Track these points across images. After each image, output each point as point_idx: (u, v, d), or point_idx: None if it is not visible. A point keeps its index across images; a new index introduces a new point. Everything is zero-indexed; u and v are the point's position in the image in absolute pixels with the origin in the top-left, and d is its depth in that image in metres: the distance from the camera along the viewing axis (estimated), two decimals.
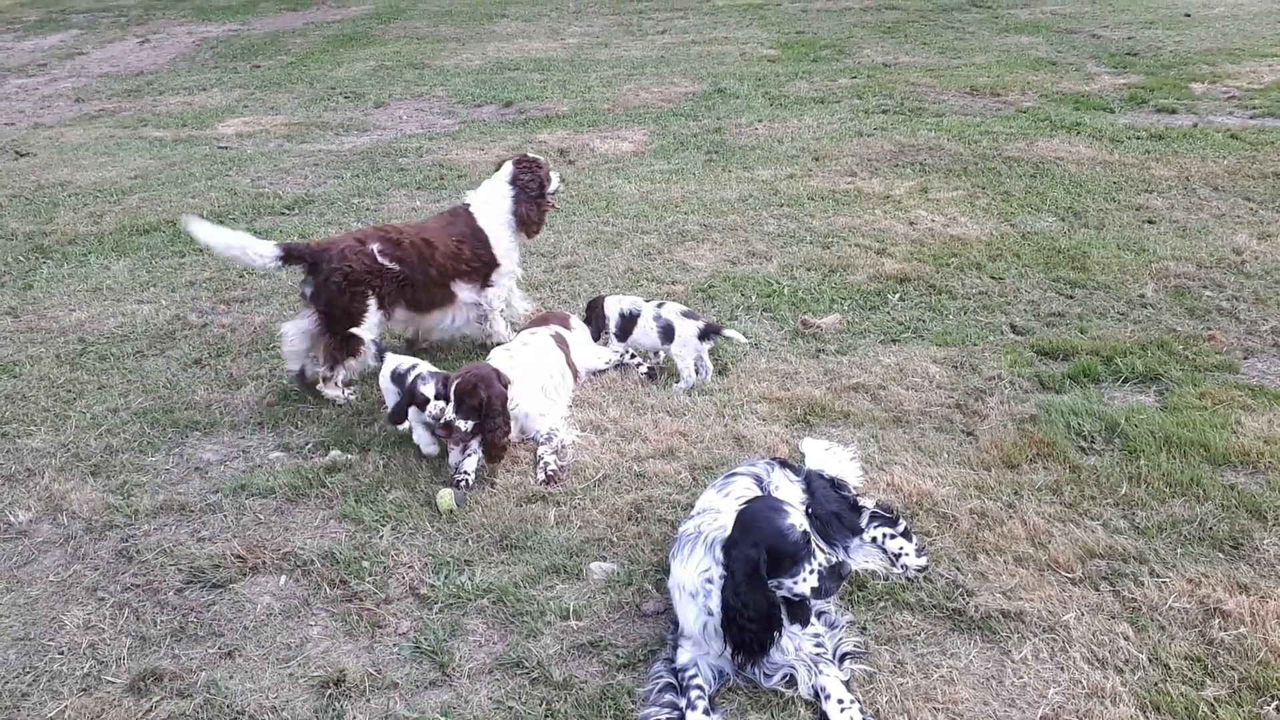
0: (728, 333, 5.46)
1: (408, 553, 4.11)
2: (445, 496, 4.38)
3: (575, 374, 5.41)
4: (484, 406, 4.52)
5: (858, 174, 9.20)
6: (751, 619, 3.19)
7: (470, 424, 4.51)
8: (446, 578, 3.94)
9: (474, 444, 4.63)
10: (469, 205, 5.96)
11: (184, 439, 5.11)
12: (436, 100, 13.80)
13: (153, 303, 6.94)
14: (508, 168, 5.99)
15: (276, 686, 3.43)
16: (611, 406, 5.26)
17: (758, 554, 3.18)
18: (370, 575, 3.97)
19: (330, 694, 3.37)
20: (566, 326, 5.65)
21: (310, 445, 4.98)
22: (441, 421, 4.55)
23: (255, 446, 5.03)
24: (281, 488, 4.58)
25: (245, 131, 12.37)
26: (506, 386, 4.67)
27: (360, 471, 4.69)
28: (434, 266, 5.62)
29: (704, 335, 5.38)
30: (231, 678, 3.47)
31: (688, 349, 5.40)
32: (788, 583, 3.18)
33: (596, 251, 7.55)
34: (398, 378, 4.85)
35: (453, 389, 4.52)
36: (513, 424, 4.73)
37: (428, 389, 4.56)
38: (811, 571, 3.17)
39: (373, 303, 5.40)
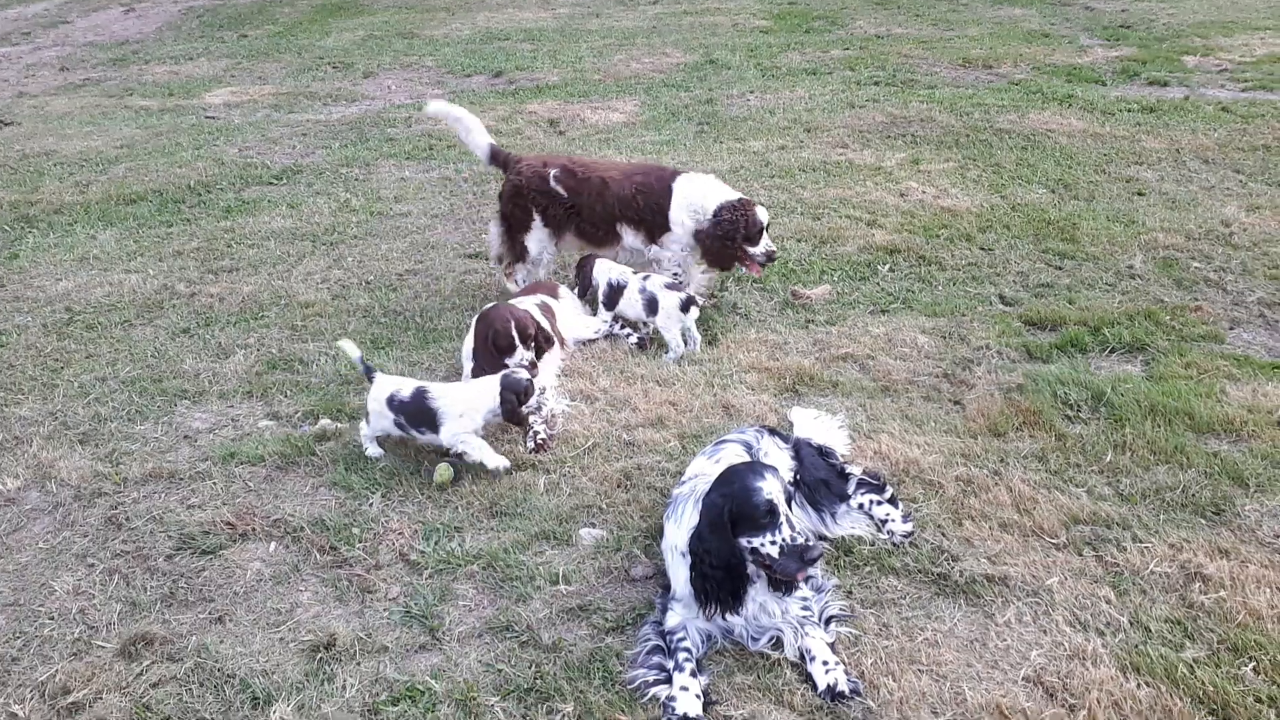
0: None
1: (397, 519, 4.12)
2: (443, 470, 4.38)
3: (563, 343, 5.41)
4: (540, 332, 4.93)
5: (849, 145, 9.18)
6: (714, 565, 3.23)
7: (533, 354, 4.84)
8: (436, 544, 3.95)
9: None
10: (681, 172, 5.90)
11: (172, 407, 5.11)
12: (425, 70, 13.69)
13: (140, 272, 6.91)
14: (722, 201, 5.67)
15: (267, 650, 3.45)
16: (602, 376, 5.26)
17: (724, 504, 3.23)
18: (360, 542, 3.99)
19: (321, 657, 3.39)
20: (554, 296, 5.64)
21: (299, 414, 4.98)
22: (530, 362, 4.78)
23: (244, 415, 5.03)
24: (271, 456, 4.59)
25: (233, 101, 12.27)
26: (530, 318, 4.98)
27: (350, 440, 4.69)
28: (601, 204, 5.78)
29: (685, 307, 5.38)
30: (222, 642, 3.49)
31: (672, 320, 5.41)
32: (747, 542, 3.23)
33: None
34: (396, 403, 4.46)
35: (514, 330, 4.76)
36: None
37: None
38: (773, 543, 3.20)
39: (538, 219, 5.90)
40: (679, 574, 3.39)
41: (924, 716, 3.02)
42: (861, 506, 3.95)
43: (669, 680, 3.17)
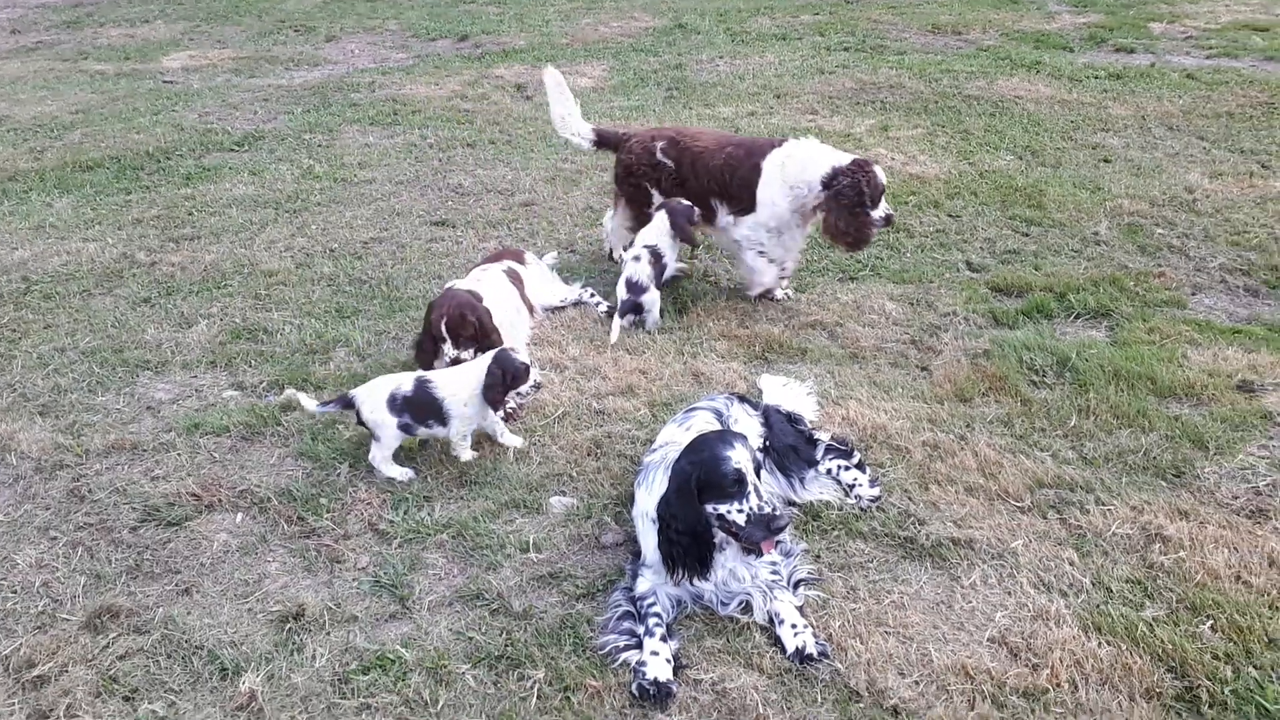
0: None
1: (366, 489, 4.09)
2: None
3: (531, 310, 5.37)
4: (479, 330, 4.55)
5: (819, 111, 9.15)
6: (680, 531, 3.25)
7: (472, 352, 4.51)
8: (405, 513, 3.94)
9: None
10: (782, 142, 5.40)
11: (134, 378, 5.03)
12: (390, 34, 13.46)
13: (98, 240, 6.76)
14: (834, 166, 5.15)
15: (235, 621, 3.43)
16: (571, 344, 5.24)
17: (693, 471, 3.24)
18: (328, 512, 3.96)
19: (289, 628, 3.38)
20: (520, 262, 5.59)
21: (264, 384, 4.92)
22: (451, 360, 4.48)
23: (208, 385, 4.96)
24: (236, 426, 4.53)
25: (191, 65, 12.00)
26: (481, 302, 4.69)
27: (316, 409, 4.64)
28: (696, 176, 5.59)
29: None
30: (189, 613, 3.46)
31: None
32: (714, 508, 3.24)
33: (555, 189, 7.47)
34: (399, 402, 4.16)
35: (444, 326, 4.47)
36: None
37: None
38: (740, 511, 3.21)
39: (656, 194, 5.74)
40: (649, 540, 3.40)
41: (891, 678, 3.07)
42: (830, 472, 3.98)
43: (640, 645, 3.19)
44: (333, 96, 10.31)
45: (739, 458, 3.22)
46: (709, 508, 3.24)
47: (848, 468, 3.98)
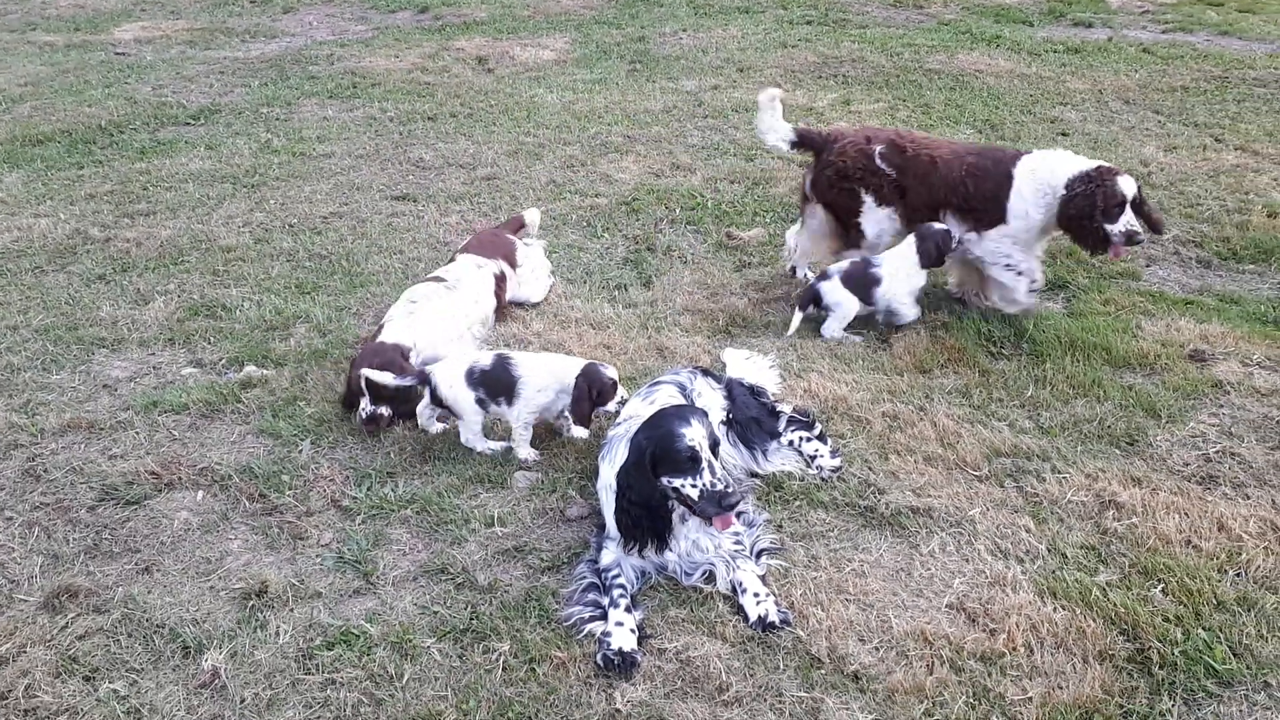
0: None
1: (328, 466, 4.07)
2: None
3: (501, 308, 5.16)
4: (396, 396, 4.25)
5: (782, 85, 9.12)
6: (634, 501, 3.28)
7: (389, 411, 4.29)
8: (369, 489, 3.92)
9: None
10: (1025, 153, 5.02)
11: (90, 356, 4.94)
12: (348, 6, 13.24)
13: (50, 216, 6.62)
14: (1073, 174, 4.77)
15: (197, 599, 3.40)
16: (535, 320, 5.23)
17: (648, 445, 3.27)
18: (290, 489, 3.94)
19: (252, 605, 3.36)
20: (512, 264, 5.29)
21: (224, 361, 4.87)
22: (366, 415, 4.24)
23: (166, 363, 4.89)
24: (195, 404, 4.48)
25: (144, 37, 11.73)
26: (405, 357, 4.41)
27: (276, 386, 4.60)
28: (926, 187, 5.08)
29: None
30: (150, 592, 3.43)
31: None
32: (669, 481, 3.26)
33: (518, 163, 7.42)
34: (476, 375, 4.07)
35: (364, 383, 4.19)
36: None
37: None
38: (694, 486, 3.23)
39: (869, 199, 5.22)
40: (612, 513, 3.42)
41: (851, 644, 3.12)
42: (792, 443, 4.03)
43: (604, 616, 3.21)
44: (290, 69, 10.14)
45: (694, 434, 3.24)
46: (665, 481, 3.27)
47: (809, 439, 4.02)
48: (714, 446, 3.32)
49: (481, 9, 12.61)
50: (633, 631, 3.15)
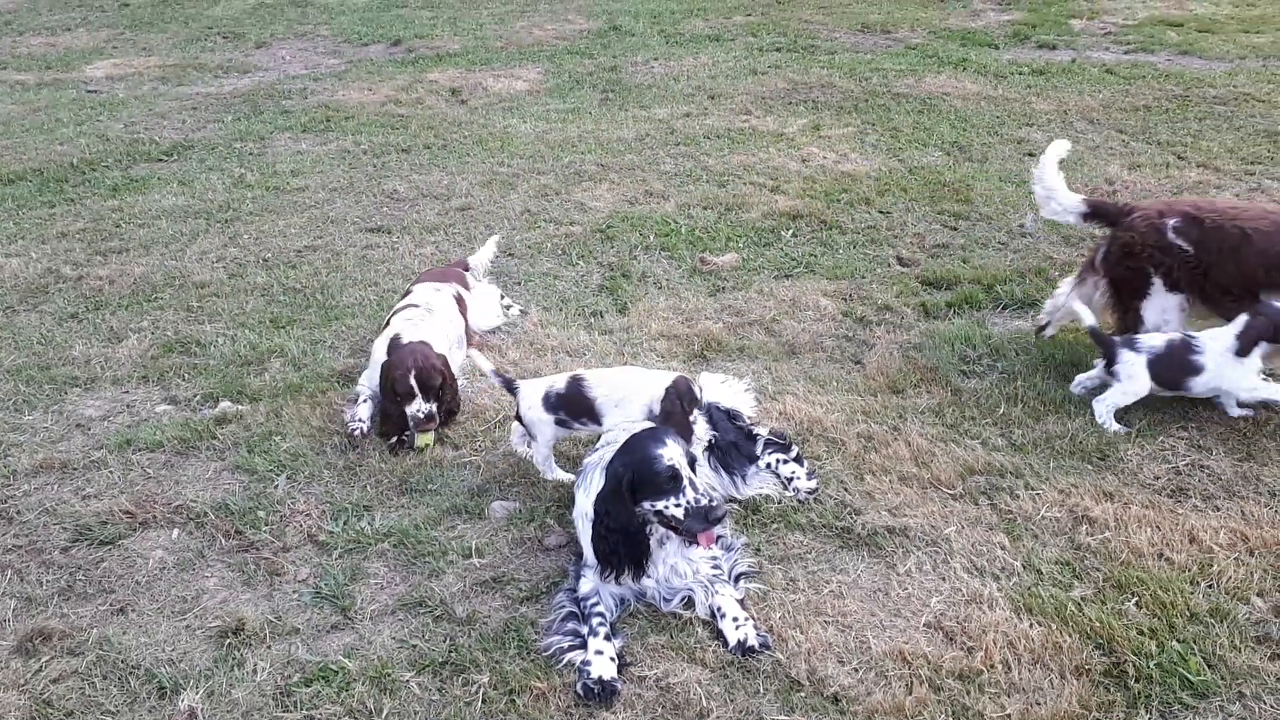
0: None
1: (304, 501, 4.06)
2: (429, 434, 4.36)
3: (469, 337, 5.22)
4: (445, 380, 4.42)
5: (752, 112, 9.26)
6: (611, 529, 3.29)
7: (435, 405, 4.36)
8: (345, 524, 3.91)
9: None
10: None
11: (63, 395, 4.91)
12: (321, 39, 13.29)
13: (22, 255, 6.58)
14: None
15: (173, 639, 3.37)
16: (511, 349, 5.24)
17: (625, 472, 3.28)
18: (266, 524, 3.92)
19: (229, 643, 3.34)
20: (465, 285, 5.41)
21: (198, 397, 4.84)
22: (425, 415, 4.31)
23: (140, 400, 4.87)
24: (170, 441, 4.46)
25: (115, 74, 11.72)
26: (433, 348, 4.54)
27: (251, 422, 4.59)
28: (1237, 264, 4.40)
29: None
30: (125, 633, 3.40)
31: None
32: (651, 505, 3.27)
33: (492, 193, 7.46)
34: (552, 400, 4.05)
35: (415, 381, 4.28)
36: None
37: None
38: (678, 505, 3.25)
39: (1157, 281, 4.57)
40: (589, 541, 3.43)
41: (830, 666, 3.13)
42: (769, 466, 4.05)
43: (584, 645, 3.21)
44: (264, 104, 10.15)
45: (671, 454, 3.26)
46: (647, 505, 3.28)
47: (786, 461, 4.05)
48: (691, 464, 3.34)
49: (454, 40, 12.69)
50: (612, 660, 3.15)
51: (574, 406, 4.02)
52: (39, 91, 11.02)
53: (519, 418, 4.15)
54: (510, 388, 4.15)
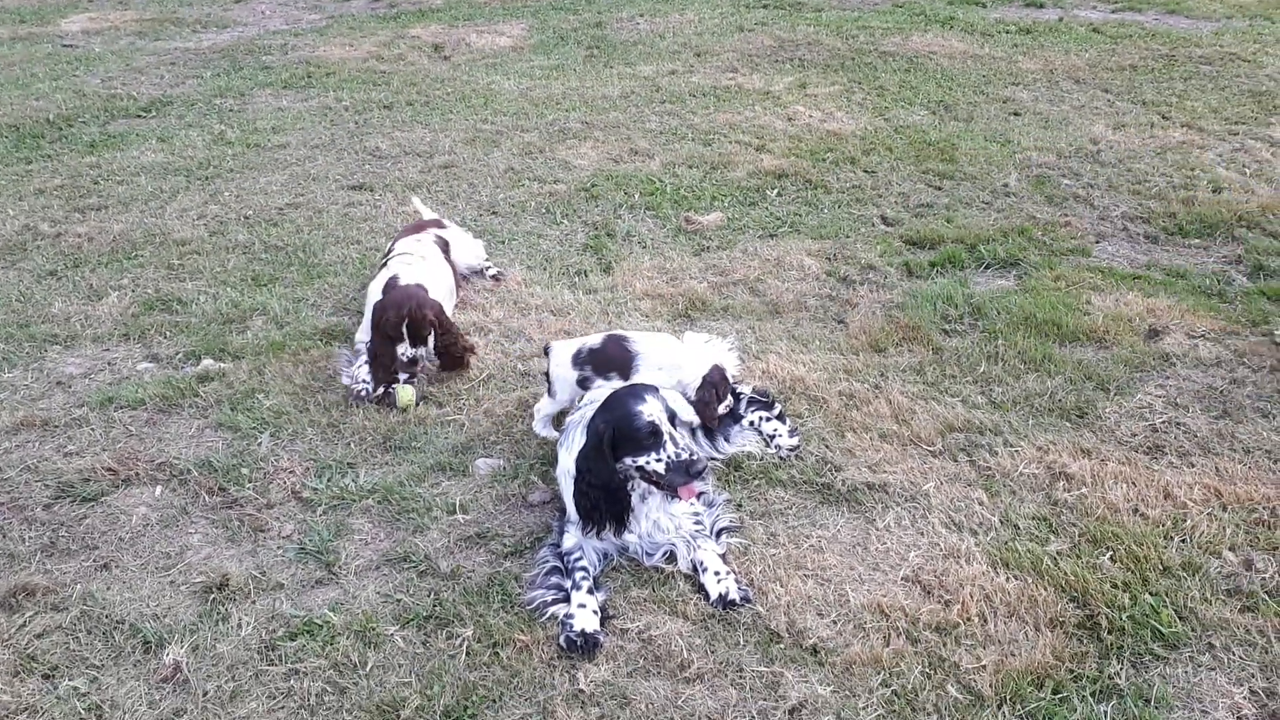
0: None
1: (288, 458, 4.06)
2: (405, 392, 4.35)
3: (457, 277, 5.28)
4: (438, 326, 4.40)
5: (739, 70, 9.18)
6: (593, 484, 3.32)
7: (425, 349, 4.39)
8: (329, 480, 3.92)
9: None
10: None
11: (43, 353, 4.88)
12: None
13: None
14: None
15: (157, 594, 3.39)
16: (495, 308, 5.23)
17: (606, 429, 3.31)
18: (250, 481, 3.92)
19: (214, 598, 3.35)
20: (442, 227, 5.45)
21: (180, 355, 4.82)
22: (408, 359, 4.33)
23: (121, 358, 4.84)
24: (152, 399, 4.44)
25: (92, 28, 11.51)
26: (428, 292, 4.53)
27: (234, 380, 4.57)
28: None
29: None
30: (109, 589, 3.41)
31: None
32: (633, 461, 3.30)
33: (475, 151, 7.39)
34: (583, 355, 4.03)
35: (405, 326, 4.29)
36: None
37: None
38: (659, 460, 3.28)
39: None
40: (572, 496, 3.45)
41: (810, 618, 3.17)
42: (752, 424, 4.08)
43: (567, 599, 3.24)
44: (243, 59, 10.00)
45: (651, 410, 3.28)
46: (629, 460, 3.30)
47: (769, 419, 4.08)
48: (671, 419, 3.36)
49: None
50: (595, 613, 3.19)
51: (606, 362, 3.97)
52: (13, 46, 10.82)
53: (547, 375, 4.12)
54: (546, 350, 4.12)
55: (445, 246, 5.28)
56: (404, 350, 4.38)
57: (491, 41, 10.39)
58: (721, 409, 3.94)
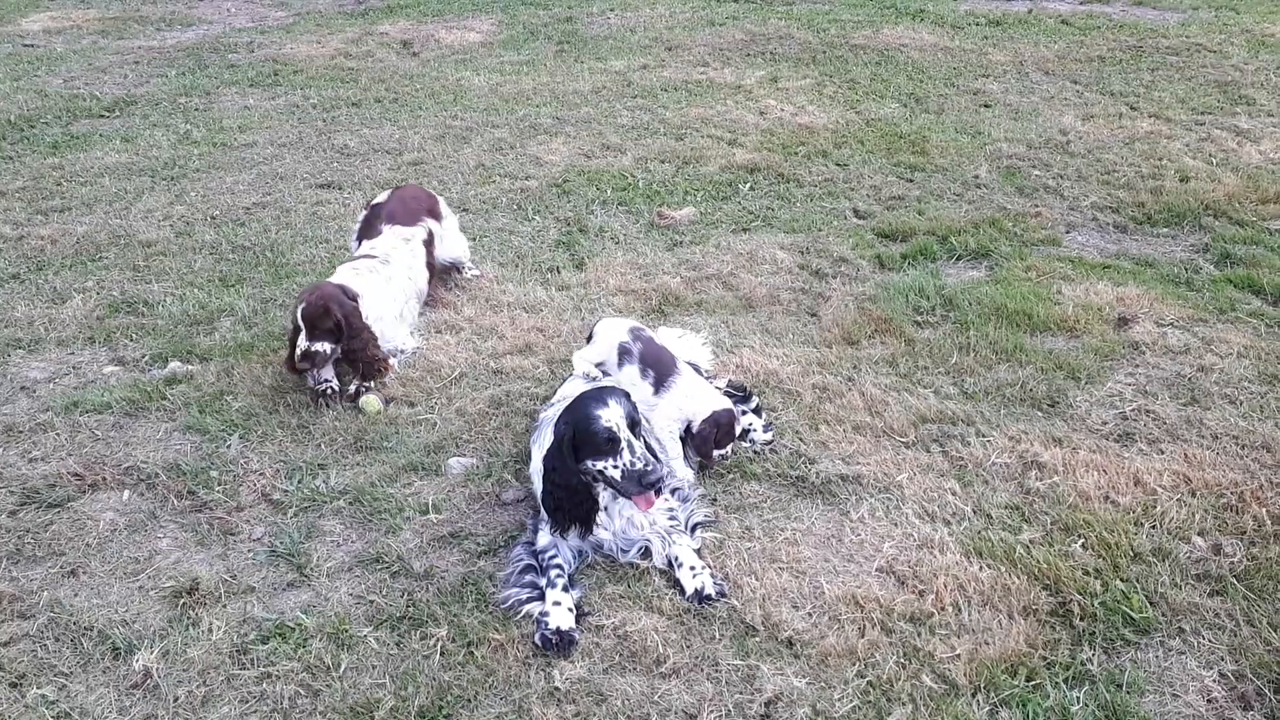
0: None
1: (258, 460, 4.01)
2: (371, 401, 4.32)
3: (432, 272, 5.18)
4: (338, 326, 4.32)
5: (710, 64, 9.18)
6: (558, 484, 3.30)
7: (329, 346, 4.32)
8: (300, 482, 3.87)
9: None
10: None
11: (5, 358, 4.79)
12: None
13: None
14: None
15: (125, 600, 3.34)
16: (467, 305, 5.20)
17: (567, 430, 3.29)
18: (219, 484, 3.87)
19: (184, 603, 3.30)
20: (437, 217, 5.27)
21: (147, 358, 4.76)
22: (301, 352, 4.26)
23: (87, 362, 4.77)
24: (118, 402, 4.38)
25: (53, 28, 11.34)
26: (355, 300, 4.46)
27: (202, 382, 4.52)
28: None
29: None
30: (76, 595, 3.36)
31: None
32: (593, 464, 3.29)
33: (445, 147, 7.35)
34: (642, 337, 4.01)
35: (300, 314, 4.25)
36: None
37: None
38: (615, 467, 3.27)
39: None
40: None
41: (785, 611, 3.17)
42: None
43: (542, 597, 3.22)
44: (209, 58, 9.88)
45: (610, 415, 3.26)
46: (589, 463, 3.29)
47: (744, 412, 4.07)
48: (633, 425, 3.33)
49: None
50: (570, 610, 3.17)
51: (656, 361, 3.94)
52: None
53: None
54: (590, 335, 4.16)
55: (431, 244, 5.14)
56: (303, 341, 4.28)
57: (461, 37, 10.33)
58: (718, 453, 3.85)
